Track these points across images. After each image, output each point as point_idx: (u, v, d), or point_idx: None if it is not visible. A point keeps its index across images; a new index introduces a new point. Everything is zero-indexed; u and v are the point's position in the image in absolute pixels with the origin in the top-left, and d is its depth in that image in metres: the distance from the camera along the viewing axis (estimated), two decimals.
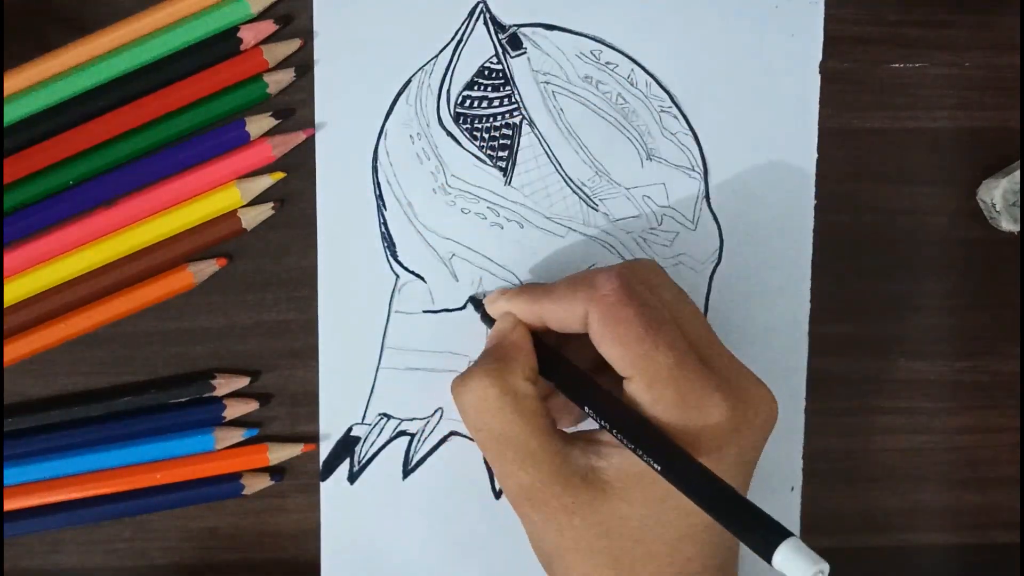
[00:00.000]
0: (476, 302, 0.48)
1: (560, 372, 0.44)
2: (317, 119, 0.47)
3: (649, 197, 0.48)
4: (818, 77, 0.48)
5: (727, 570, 0.43)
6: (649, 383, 0.41)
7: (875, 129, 0.49)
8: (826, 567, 0.34)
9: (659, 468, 0.39)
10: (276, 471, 0.49)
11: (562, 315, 0.43)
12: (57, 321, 0.47)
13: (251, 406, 0.48)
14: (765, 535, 0.35)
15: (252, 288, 0.48)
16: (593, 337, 0.42)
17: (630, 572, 0.41)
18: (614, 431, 0.41)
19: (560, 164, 0.48)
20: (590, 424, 0.43)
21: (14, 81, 0.45)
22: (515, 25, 0.47)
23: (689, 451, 0.39)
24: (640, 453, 0.40)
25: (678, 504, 0.40)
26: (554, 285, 0.44)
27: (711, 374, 0.41)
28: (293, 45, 0.47)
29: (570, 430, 0.45)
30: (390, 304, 0.48)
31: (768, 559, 0.35)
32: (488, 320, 0.46)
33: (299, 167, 0.47)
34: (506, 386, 0.42)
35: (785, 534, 0.35)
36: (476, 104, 0.47)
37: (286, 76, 0.47)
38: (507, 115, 0.48)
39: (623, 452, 0.41)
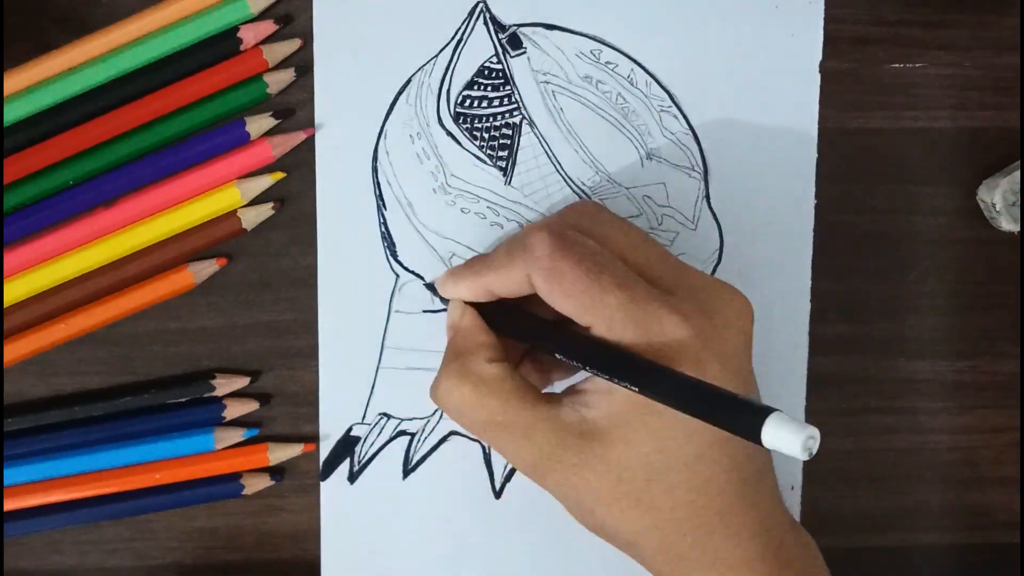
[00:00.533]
0: (431, 288, 0.48)
1: (527, 329, 0.44)
2: (317, 119, 0.47)
3: (649, 197, 0.48)
4: (818, 77, 0.48)
5: (759, 480, 0.42)
6: (608, 326, 0.41)
7: (875, 129, 0.49)
8: (816, 432, 0.33)
9: (636, 388, 0.39)
10: (276, 471, 0.49)
11: (507, 284, 0.43)
12: (57, 321, 0.47)
13: (251, 406, 0.48)
14: (749, 418, 0.35)
15: (252, 288, 0.48)
16: (543, 297, 0.42)
17: (654, 508, 0.41)
18: (586, 367, 0.41)
19: (560, 164, 0.48)
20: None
21: (14, 81, 0.45)
22: (515, 25, 0.47)
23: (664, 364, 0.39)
24: (616, 380, 0.40)
25: (676, 432, 0.40)
26: (493, 255, 0.44)
27: (668, 297, 0.41)
28: (293, 45, 0.47)
29: (559, 385, 0.45)
30: (390, 304, 0.48)
31: (758, 440, 0.34)
32: (442, 300, 0.47)
33: (299, 167, 0.47)
34: (474, 378, 0.43)
35: (768, 411, 0.34)
36: (476, 104, 0.47)
37: (286, 76, 0.47)
38: (507, 115, 0.48)
39: (608, 396, 0.41)
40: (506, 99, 0.47)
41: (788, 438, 0.34)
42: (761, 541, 0.42)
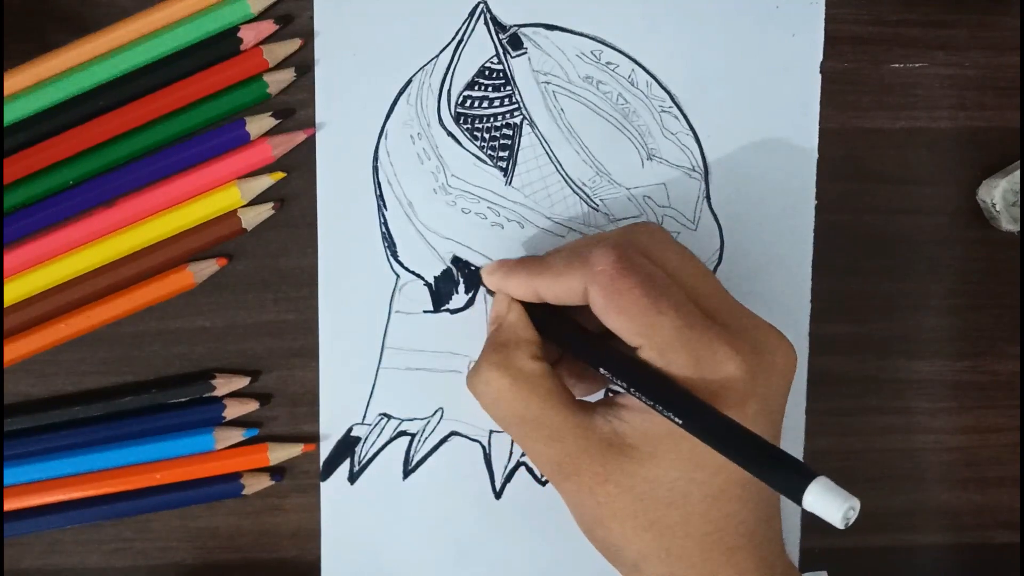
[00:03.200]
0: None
1: (571, 337, 0.44)
2: (317, 119, 0.47)
3: (650, 197, 0.48)
4: (818, 77, 0.48)
5: (769, 523, 0.42)
6: (660, 350, 0.41)
7: (875, 129, 0.49)
8: (856, 503, 0.34)
9: (680, 422, 0.39)
10: (276, 471, 0.49)
11: (560, 292, 0.43)
12: (57, 321, 0.47)
13: (251, 406, 0.48)
14: (794, 477, 0.35)
15: (252, 288, 0.48)
16: (596, 311, 0.42)
17: (668, 534, 0.41)
18: (632, 389, 0.41)
19: (561, 164, 0.48)
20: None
21: (14, 81, 0.45)
22: (516, 25, 0.47)
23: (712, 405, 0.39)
24: (660, 408, 0.39)
25: (706, 463, 0.40)
26: (550, 259, 0.44)
27: (721, 329, 0.41)
28: (293, 45, 0.47)
29: (591, 398, 0.45)
30: (390, 304, 0.48)
31: (798, 501, 0.35)
32: (488, 291, 0.47)
33: (299, 167, 0.47)
34: (515, 371, 0.43)
35: (813, 475, 0.35)
36: (477, 104, 0.47)
37: (286, 76, 0.47)
38: (508, 115, 0.47)
39: (644, 414, 0.41)
40: (507, 99, 0.47)
41: (830, 506, 0.34)
42: None
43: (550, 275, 0.43)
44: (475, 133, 0.48)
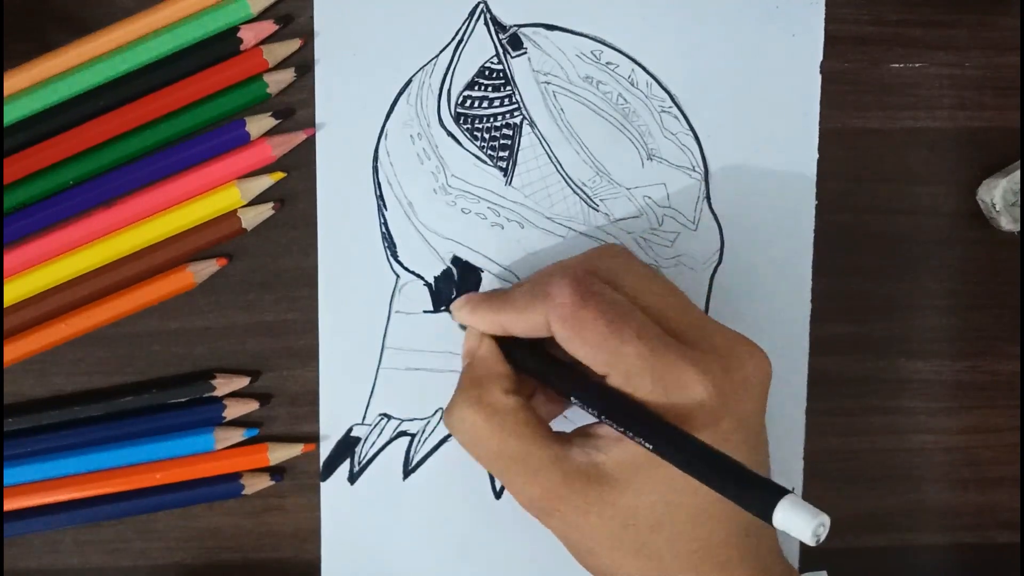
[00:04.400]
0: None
1: (542, 368, 0.44)
2: (317, 119, 0.47)
3: (650, 197, 0.48)
4: (818, 77, 0.48)
5: (760, 531, 0.42)
6: (626, 377, 0.41)
7: (875, 129, 0.49)
8: (826, 519, 0.34)
9: (650, 446, 0.39)
10: (276, 471, 0.49)
11: (524, 326, 0.43)
12: (57, 321, 0.47)
13: (251, 406, 0.48)
14: (762, 496, 0.35)
15: (252, 288, 0.48)
16: (560, 343, 0.42)
17: (656, 556, 0.41)
18: (602, 417, 0.41)
19: (561, 164, 0.48)
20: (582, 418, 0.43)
21: (14, 81, 0.45)
22: (515, 25, 0.47)
23: (681, 428, 0.39)
24: (630, 434, 0.40)
25: (684, 485, 0.40)
26: (513, 294, 0.44)
27: (687, 350, 0.41)
28: (293, 45, 0.46)
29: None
30: (390, 304, 0.48)
31: (768, 519, 0.35)
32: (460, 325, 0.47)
33: (299, 167, 0.47)
34: (489, 408, 0.43)
35: (781, 492, 0.34)
36: (477, 104, 0.47)
37: (286, 76, 0.46)
38: (508, 115, 0.47)
39: (620, 442, 0.41)
40: (507, 99, 0.47)
41: (799, 523, 0.34)
42: None
43: (513, 310, 0.43)
44: (475, 133, 0.47)
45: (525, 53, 0.47)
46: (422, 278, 0.48)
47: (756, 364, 0.42)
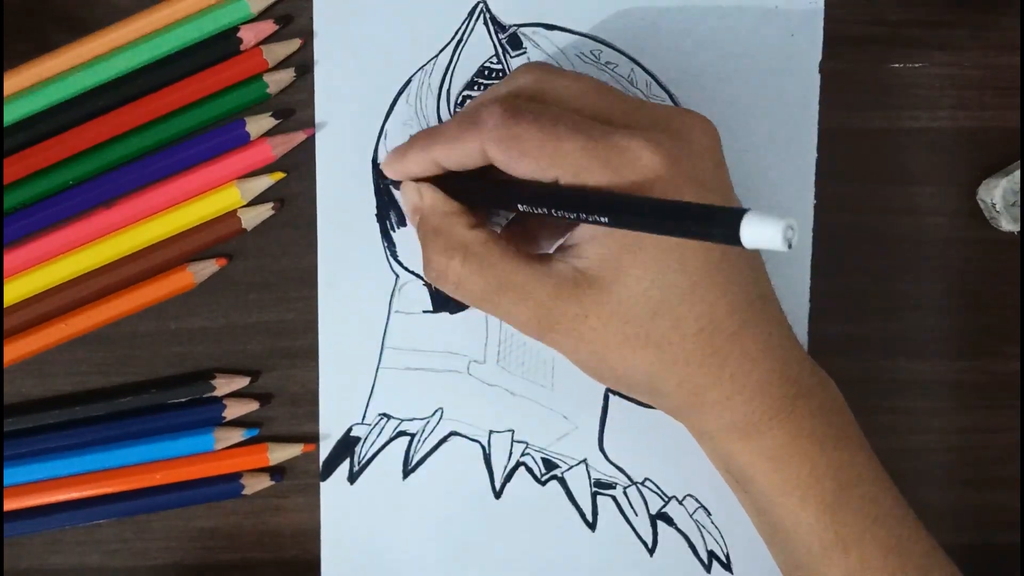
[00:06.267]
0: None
1: (487, 192, 0.43)
2: (317, 119, 0.47)
3: None
4: (818, 77, 0.48)
5: (764, 302, 0.42)
6: (575, 174, 0.40)
7: (875, 129, 0.49)
8: (794, 222, 0.32)
9: (605, 220, 0.38)
10: (276, 471, 0.49)
11: (459, 156, 0.42)
12: (57, 321, 0.47)
13: (251, 406, 0.48)
14: (723, 221, 0.34)
15: (252, 288, 0.48)
16: (501, 167, 0.41)
17: (665, 342, 0.41)
18: (552, 211, 0.40)
19: None
20: None
21: (14, 81, 0.45)
22: (515, 25, 0.47)
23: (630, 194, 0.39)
24: (584, 216, 0.39)
25: (668, 263, 0.40)
26: (442, 128, 0.43)
27: (625, 129, 0.40)
28: (293, 45, 0.47)
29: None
30: (390, 304, 0.48)
31: (738, 242, 0.34)
32: (392, 183, 0.47)
33: (299, 167, 0.47)
34: (461, 248, 0.42)
35: (742, 211, 0.33)
36: None
37: (286, 76, 0.47)
38: None
39: (595, 242, 0.41)
40: None
41: (767, 232, 0.33)
42: (770, 364, 0.42)
43: (445, 141, 0.43)
44: None
45: (525, 53, 0.47)
46: (422, 278, 0.48)
47: (703, 128, 0.42)
